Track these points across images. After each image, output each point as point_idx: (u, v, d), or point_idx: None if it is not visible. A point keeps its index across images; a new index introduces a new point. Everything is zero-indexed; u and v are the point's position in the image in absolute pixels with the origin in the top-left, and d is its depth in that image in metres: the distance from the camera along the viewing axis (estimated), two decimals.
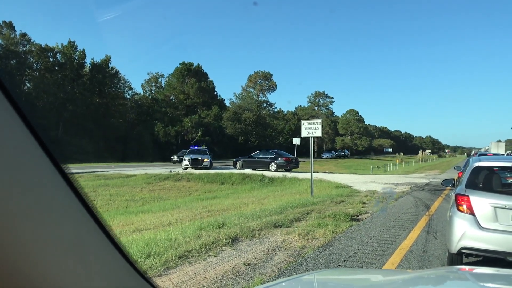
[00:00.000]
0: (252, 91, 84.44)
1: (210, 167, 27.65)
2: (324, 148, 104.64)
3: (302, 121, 14.14)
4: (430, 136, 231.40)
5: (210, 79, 69.56)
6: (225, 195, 18.28)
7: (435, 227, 8.28)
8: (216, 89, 71.94)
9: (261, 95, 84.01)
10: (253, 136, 73.74)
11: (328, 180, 20.59)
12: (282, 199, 14.01)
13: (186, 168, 26.73)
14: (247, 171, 25.69)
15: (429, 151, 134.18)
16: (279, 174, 23.78)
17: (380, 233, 7.59)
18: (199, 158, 27.68)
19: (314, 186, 15.99)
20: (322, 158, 73.08)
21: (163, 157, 51.23)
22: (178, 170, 27.33)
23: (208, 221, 8.16)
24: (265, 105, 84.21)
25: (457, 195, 5.08)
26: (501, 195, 4.79)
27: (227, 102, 79.32)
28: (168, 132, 57.92)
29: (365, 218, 9.25)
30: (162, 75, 71.87)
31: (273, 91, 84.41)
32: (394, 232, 7.69)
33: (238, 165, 28.27)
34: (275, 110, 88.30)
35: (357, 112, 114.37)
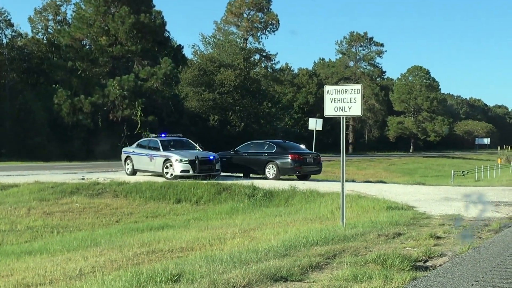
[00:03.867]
0: (235, 31, 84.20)
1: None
2: (366, 137, 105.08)
3: (327, 87, 14.10)
4: None
5: (156, 8, 69.13)
6: (184, 223, 18.21)
7: None
8: (168, 28, 71.42)
9: (250, 38, 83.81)
10: (236, 114, 73.70)
11: (373, 196, 20.61)
12: (288, 230, 13.97)
13: (182, 177, 25.87)
14: (225, 180, 25.68)
15: None
16: (284, 185, 23.80)
17: None
18: (208, 158, 27.02)
19: (348, 206, 15.97)
20: (368, 156, 73.49)
21: (70, 151, 50.88)
22: (112, 175, 27.30)
23: (153, 269, 8.11)
24: (258, 57, 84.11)
25: None
26: None
27: (188, 52, 79.14)
28: (79, 105, 57.48)
29: (440, 266, 9.26)
30: (68, 0, 71.12)
31: (273, 31, 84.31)
32: None
33: None
34: (277, 67, 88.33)
35: (427, 72, 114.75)
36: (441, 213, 16.35)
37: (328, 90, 13.92)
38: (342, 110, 13.73)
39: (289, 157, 26.84)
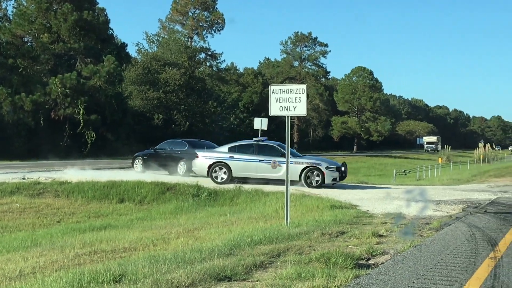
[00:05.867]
0: (180, 29, 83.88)
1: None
2: (311, 136, 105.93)
3: (272, 87, 14.16)
4: (499, 118, 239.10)
5: (99, 5, 68.36)
6: (127, 223, 18.06)
7: (505, 279, 8.51)
8: (111, 26, 70.68)
9: (196, 37, 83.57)
10: (180, 113, 73.40)
11: (318, 195, 20.78)
12: (233, 229, 13.98)
13: (325, 186, 24.84)
14: (170, 179, 25.56)
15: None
16: (230, 186, 23.81)
17: None
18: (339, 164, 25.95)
19: (292, 205, 16.04)
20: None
21: (11, 150, 49.95)
22: (54, 174, 26.87)
23: (95, 270, 8.02)
24: (203, 56, 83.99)
25: None
26: None
27: (132, 50, 78.33)
28: (19, 103, 56.35)
29: (382, 263, 9.39)
30: None
31: (219, 30, 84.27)
32: None
33: (138, 165, 30.18)
34: (222, 66, 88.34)
35: (370, 73, 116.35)
36: (383, 212, 16.60)
37: (273, 90, 13.98)
38: (287, 110, 13.81)
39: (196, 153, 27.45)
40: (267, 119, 35.62)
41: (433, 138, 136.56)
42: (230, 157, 24.89)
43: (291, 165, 23.27)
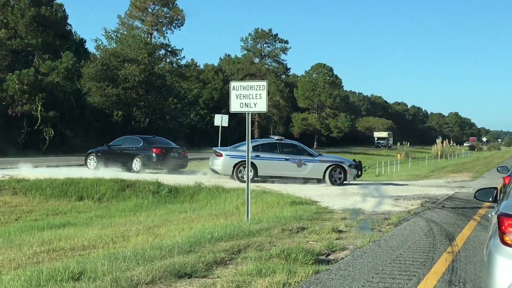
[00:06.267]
0: (140, 25, 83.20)
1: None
2: (272, 133, 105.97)
3: (232, 83, 14.16)
4: (456, 114, 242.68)
5: (57, 1, 67.43)
6: (86, 221, 17.90)
7: (463, 273, 8.68)
8: (70, 22, 69.80)
9: (155, 33, 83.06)
10: (140, 110, 72.88)
11: (278, 192, 20.89)
12: (193, 226, 13.98)
13: (346, 184, 25.34)
14: (130, 176, 25.39)
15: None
16: (189, 181, 23.76)
17: (366, 286, 7.83)
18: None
19: (253, 202, 16.06)
20: None
21: None
22: (11, 172, 26.43)
23: (53, 268, 7.97)
24: (163, 52, 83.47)
25: (501, 217, 5.35)
26: None
27: (91, 46, 77.52)
28: None
29: (342, 259, 9.48)
30: None
31: (179, 27, 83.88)
32: (391, 283, 7.98)
33: (91, 162, 29.97)
34: (183, 62, 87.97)
35: (330, 70, 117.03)
36: (343, 207, 16.73)
37: (233, 86, 13.99)
38: (247, 106, 13.82)
39: (153, 151, 28.18)
40: (227, 115, 35.61)
41: (384, 134, 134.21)
42: (256, 156, 24.49)
43: (316, 163, 24.77)
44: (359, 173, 25.88)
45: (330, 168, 24.88)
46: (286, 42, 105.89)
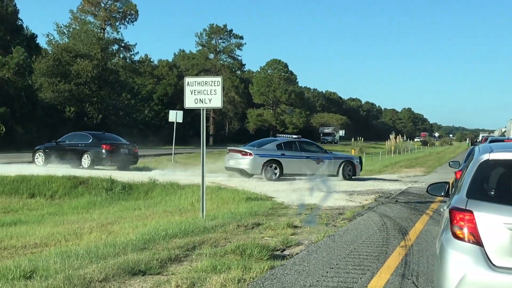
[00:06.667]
0: (92, 20, 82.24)
1: None
2: (227, 129, 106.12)
3: (187, 79, 14.10)
4: (409, 110, 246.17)
5: None
6: (38, 218, 17.66)
7: (415, 267, 8.81)
8: (21, 16, 68.72)
9: (109, 28, 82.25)
10: (93, 106, 72.13)
11: (234, 188, 20.90)
12: (148, 223, 13.92)
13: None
14: (83, 173, 25.14)
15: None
16: (143, 177, 23.64)
17: (321, 280, 7.89)
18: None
19: (208, 198, 16.06)
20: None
21: None
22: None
23: (4, 267, 7.89)
24: (116, 47, 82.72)
25: (453, 211, 5.42)
26: None
27: (42, 41, 76.46)
28: None
29: (297, 254, 9.53)
30: None
31: (132, 22, 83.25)
32: (345, 277, 8.05)
33: (39, 158, 29.85)
34: (136, 58, 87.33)
35: (285, 65, 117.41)
36: (298, 203, 16.80)
37: (188, 82, 13.93)
38: (202, 102, 13.79)
39: (102, 147, 28.28)
40: (182, 111, 35.43)
41: (329, 129, 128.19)
42: (282, 154, 25.33)
43: (331, 160, 26.36)
44: (361, 168, 27.92)
45: (343, 165, 26.51)
46: (241, 38, 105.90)
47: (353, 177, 26.48)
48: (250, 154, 24.95)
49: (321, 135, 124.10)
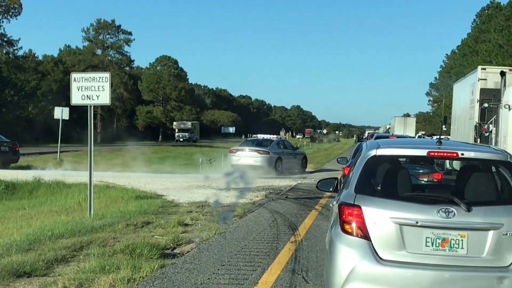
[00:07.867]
0: None
1: None
2: (115, 126, 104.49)
3: (73, 75, 13.82)
4: (298, 107, 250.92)
5: None
6: None
7: (305, 262, 8.99)
8: None
9: None
10: None
11: (122, 186, 20.70)
12: (33, 224, 13.55)
13: None
14: None
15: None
16: (27, 176, 23.00)
17: (212, 278, 7.92)
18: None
19: (96, 197, 15.78)
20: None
21: None
22: None
23: None
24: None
25: (342, 206, 5.56)
26: (410, 204, 5.37)
27: None
28: None
29: (188, 252, 9.54)
30: None
31: (15, 16, 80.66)
32: (236, 274, 8.13)
33: None
34: (20, 53, 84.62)
35: (175, 62, 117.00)
36: (189, 201, 16.84)
37: (74, 78, 13.66)
38: (90, 99, 13.56)
39: None
40: (68, 108, 34.66)
41: (188, 125, 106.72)
42: (282, 152, 29.99)
43: (300, 155, 32.21)
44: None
45: (303, 158, 32.05)
46: (130, 33, 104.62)
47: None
48: (268, 152, 28.72)
49: (176, 131, 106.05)
